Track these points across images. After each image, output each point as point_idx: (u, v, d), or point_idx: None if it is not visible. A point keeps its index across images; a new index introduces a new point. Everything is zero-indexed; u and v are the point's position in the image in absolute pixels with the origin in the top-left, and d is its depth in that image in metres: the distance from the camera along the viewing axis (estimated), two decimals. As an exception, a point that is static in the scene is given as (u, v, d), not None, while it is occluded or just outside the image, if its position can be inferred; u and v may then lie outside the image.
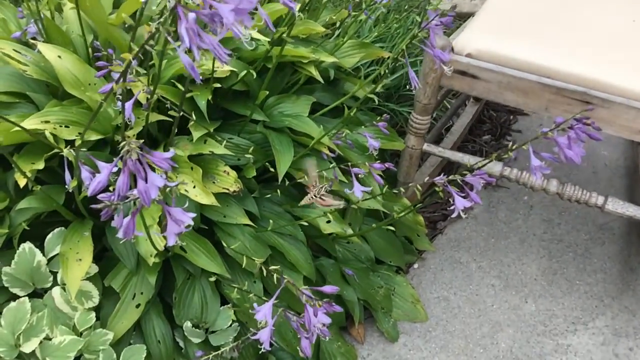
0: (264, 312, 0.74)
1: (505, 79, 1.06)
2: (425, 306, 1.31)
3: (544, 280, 1.35)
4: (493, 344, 1.25)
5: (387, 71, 1.00)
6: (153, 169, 0.59)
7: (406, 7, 1.70)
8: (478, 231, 1.45)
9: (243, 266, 0.96)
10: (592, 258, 1.38)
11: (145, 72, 0.97)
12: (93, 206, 0.57)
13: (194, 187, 0.96)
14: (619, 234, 1.42)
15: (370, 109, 1.47)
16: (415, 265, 1.39)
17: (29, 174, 0.88)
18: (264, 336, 0.77)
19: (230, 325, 1.03)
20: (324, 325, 0.74)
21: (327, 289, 0.73)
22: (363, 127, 1.10)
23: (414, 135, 1.20)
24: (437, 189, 0.91)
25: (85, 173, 0.80)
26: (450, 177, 0.86)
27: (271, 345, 1.13)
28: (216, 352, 0.98)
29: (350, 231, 1.12)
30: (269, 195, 1.11)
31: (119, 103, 0.87)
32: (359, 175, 0.96)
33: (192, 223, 0.63)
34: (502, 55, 1.06)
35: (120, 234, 0.61)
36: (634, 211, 1.09)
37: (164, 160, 0.59)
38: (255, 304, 0.77)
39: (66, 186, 0.83)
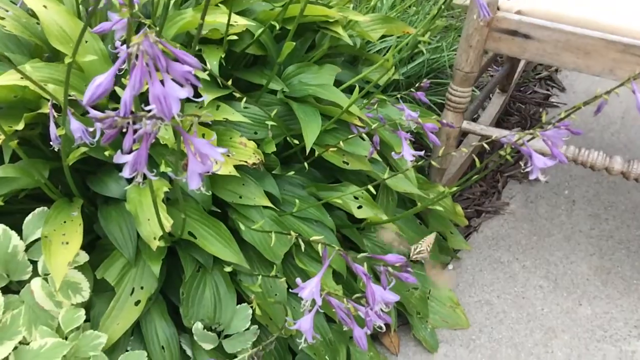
0: (311, 289, 0.57)
1: (564, 37, 0.92)
2: (465, 311, 1.13)
3: (597, 280, 1.19)
4: (548, 352, 1.07)
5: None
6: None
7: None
8: (517, 228, 1.29)
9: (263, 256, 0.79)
10: (647, 255, 1.23)
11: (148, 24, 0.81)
12: (92, 114, 0.41)
13: (207, 156, 0.79)
14: (675, 229, 1.27)
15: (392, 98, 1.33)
16: (450, 266, 1.22)
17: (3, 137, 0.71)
18: (305, 325, 0.60)
19: (249, 328, 0.85)
20: (387, 307, 0.57)
21: (392, 257, 0.56)
22: (397, 96, 0.94)
23: (452, 110, 1.05)
24: (502, 152, 0.76)
25: (75, 124, 0.64)
26: (525, 132, 0.70)
27: (297, 352, 0.95)
28: (232, 361, 0.80)
29: (384, 217, 0.96)
30: (291, 175, 0.95)
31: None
32: (407, 141, 0.80)
33: (222, 160, 0.47)
34: (558, 13, 0.92)
35: (126, 171, 0.45)
36: None
37: (185, 74, 0.43)
38: (298, 279, 0.60)
39: (51, 143, 0.66)
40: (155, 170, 0.49)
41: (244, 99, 0.78)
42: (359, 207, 0.97)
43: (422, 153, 0.80)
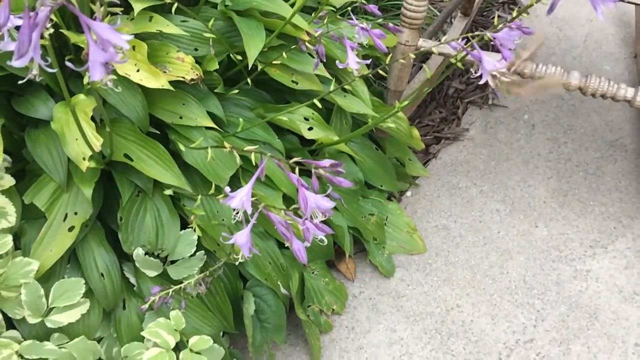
0: (241, 199, 0.53)
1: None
2: (422, 236, 1.12)
3: (554, 202, 1.18)
4: (503, 273, 1.08)
5: None
6: None
7: None
8: (476, 154, 1.27)
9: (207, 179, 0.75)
10: (604, 177, 1.23)
11: None
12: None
13: (138, 70, 0.73)
14: (632, 150, 1.27)
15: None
16: (409, 193, 1.20)
17: None
18: (241, 238, 0.56)
19: (194, 254, 0.82)
20: (325, 216, 0.54)
21: (326, 162, 0.53)
22: (348, 9, 0.88)
23: (407, 27, 1.00)
24: (453, 60, 0.72)
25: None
26: (474, 34, 0.66)
27: (248, 278, 0.93)
28: (177, 287, 0.77)
29: (336, 138, 0.92)
30: (237, 96, 0.89)
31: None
32: (353, 50, 0.75)
33: (126, 47, 0.41)
34: None
35: (14, 57, 0.39)
36: (670, 102, 0.92)
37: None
38: (227, 188, 0.56)
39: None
40: (49, 60, 0.43)
41: (175, 6, 0.71)
42: (310, 128, 0.93)
43: (368, 61, 0.76)
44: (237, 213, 0.55)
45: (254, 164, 0.72)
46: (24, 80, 0.42)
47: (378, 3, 1.40)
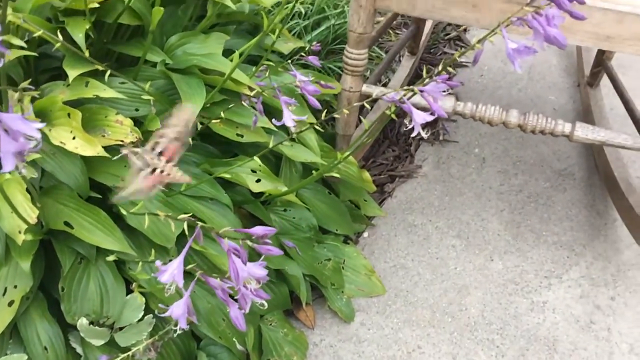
0: (172, 272, 0.52)
1: (451, -9, 0.90)
2: (381, 277, 1.12)
3: (507, 235, 1.20)
4: (462, 310, 1.08)
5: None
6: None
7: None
8: (430, 190, 1.28)
9: (150, 239, 0.74)
10: (555, 206, 1.25)
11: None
12: None
13: (74, 137, 0.72)
14: (580, 178, 1.31)
15: (301, 66, 1.29)
16: (365, 234, 1.21)
17: None
18: (177, 311, 0.55)
19: (142, 319, 0.80)
20: (259, 283, 0.53)
21: (258, 230, 0.52)
22: (288, 63, 0.90)
23: (350, 74, 1.02)
24: (387, 111, 0.73)
25: None
26: (405, 88, 0.68)
27: (202, 337, 0.91)
28: (126, 355, 0.75)
29: (284, 189, 0.92)
30: (186, 152, 0.89)
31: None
32: (290, 107, 0.76)
33: (37, 136, 0.41)
34: (444, -35, 0.90)
35: None
36: (606, 135, 0.95)
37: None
38: (158, 262, 0.55)
39: None
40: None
41: (108, 73, 0.71)
42: (258, 180, 0.93)
43: (304, 118, 0.77)
44: (170, 287, 0.54)
45: (203, 221, 0.72)
46: None
47: (327, 47, 1.43)
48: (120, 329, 0.80)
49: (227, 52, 0.96)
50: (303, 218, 1.06)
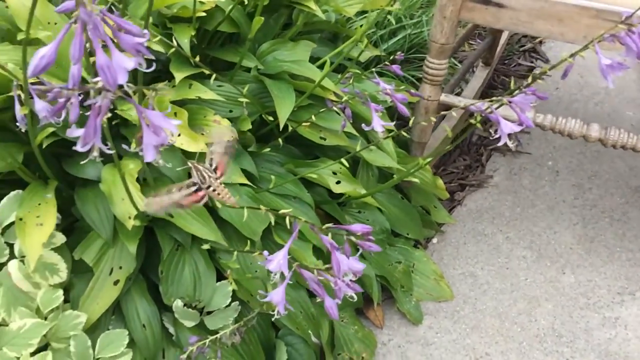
0: (278, 262, 0.57)
1: (537, 5, 0.91)
2: (449, 283, 1.14)
3: (580, 249, 1.20)
4: (531, 321, 1.09)
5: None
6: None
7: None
8: (501, 200, 1.29)
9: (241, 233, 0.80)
10: (630, 223, 1.23)
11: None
12: (34, 87, 0.41)
13: (179, 134, 0.79)
14: (658, 196, 1.28)
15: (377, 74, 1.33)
16: (435, 240, 1.23)
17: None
18: (276, 297, 0.60)
19: (230, 305, 0.86)
20: (355, 276, 0.58)
21: (357, 227, 0.57)
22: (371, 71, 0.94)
23: (429, 83, 1.05)
24: (473, 120, 0.76)
25: (39, 104, 0.63)
26: (492, 99, 0.70)
27: (280, 327, 0.96)
28: (213, 337, 0.81)
29: (363, 191, 0.96)
30: (269, 152, 0.95)
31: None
32: (377, 113, 0.80)
33: (175, 131, 0.47)
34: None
35: (79, 144, 0.45)
36: (691, 152, 0.94)
37: (136, 45, 0.43)
38: (266, 252, 0.60)
39: (17, 124, 0.66)
40: (109, 144, 0.49)
41: (214, 76, 0.78)
42: (338, 182, 0.98)
43: (392, 124, 0.80)
44: (275, 274, 0.59)
45: (286, 221, 0.77)
46: (86, 161, 0.48)
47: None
48: (209, 313, 0.86)
49: (311, 60, 1.02)
50: (376, 220, 1.09)
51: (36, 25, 0.83)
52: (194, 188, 0.57)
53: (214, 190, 0.58)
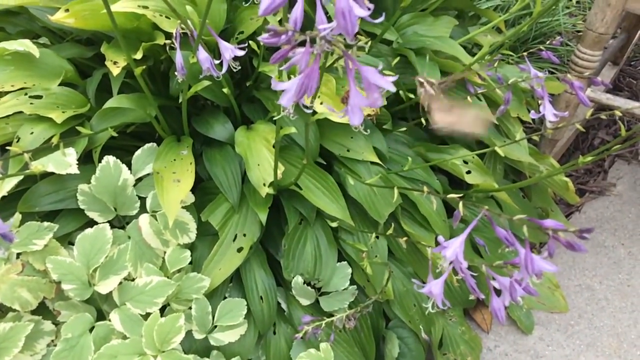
0: (455, 249, 0.52)
1: None
2: (564, 295, 1.06)
3: None
4: (654, 346, 0.99)
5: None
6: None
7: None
8: (624, 211, 1.19)
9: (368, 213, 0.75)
10: None
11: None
12: (264, 37, 0.36)
13: (321, 102, 0.74)
14: None
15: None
16: (548, 246, 1.14)
17: (122, 63, 0.68)
18: (436, 289, 0.55)
19: (347, 288, 0.81)
20: (539, 279, 0.51)
21: (550, 222, 0.50)
22: (522, 56, 0.86)
23: (577, 76, 0.96)
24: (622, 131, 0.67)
25: (203, 54, 0.60)
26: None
27: (391, 318, 0.91)
28: (330, 319, 0.76)
29: (495, 185, 0.89)
30: (397, 132, 0.89)
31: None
32: (541, 101, 0.72)
33: (393, 89, 0.41)
34: None
35: (286, 98, 0.40)
36: None
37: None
38: (440, 237, 0.55)
39: (176, 73, 0.63)
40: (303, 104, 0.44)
41: (369, 43, 0.72)
42: (468, 172, 0.91)
43: (566, 114, 0.73)
44: (450, 263, 0.53)
45: (413, 203, 0.71)
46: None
47: (525, 45, 1.37)
48: (324, 293, 0.82)
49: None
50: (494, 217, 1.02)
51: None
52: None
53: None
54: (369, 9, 0.40)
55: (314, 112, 0.72)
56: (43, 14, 0.81)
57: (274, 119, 0.75)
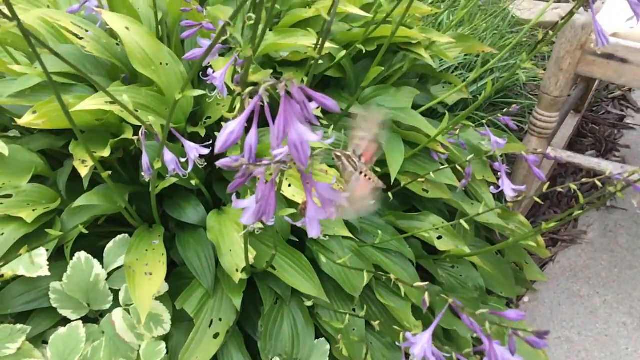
0: (423, 345, 0.52)
1: (667, 62, 0.85)
2: (544, 349, 1.07)
3: (687, 318, 1.10)
4: (636, 397, 1.00)
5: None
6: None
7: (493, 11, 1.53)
8: (597, 259, 1.21)
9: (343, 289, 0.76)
10: None
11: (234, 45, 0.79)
12: (222, 162, 0.38)
13: (289, 185, 0.76)
14: None
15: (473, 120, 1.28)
16: (526, 299, 1.16)
17: (90, 163, 0.70)
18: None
19: (327, 365, 0.81)
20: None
21: (512, 314, 0.52)
22: (483, 122, 0.89)
23: (537, 136, 1.00)
24: (612, 188, 0.70)
25: (169, 155, 0.61)
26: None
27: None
28: (310, 400, 0.76)
29: (467, 249, 0.91)
30: (369, 204, 0.90)
31: (209, 80, 0.69)
32: (498, 174, 0.75)
33: (345, 204, 0.43)
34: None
35: (247, 217, 0.41)
36: None
37: (309, 115, 0.40)
38: (408, 333, 0.55)
39: (142, 174, 0.64)
40: (274, 216, 0.46)
41: (332, 127, 0.74)
42: (439, 237, 0.92)
43: (523, 188, 0.75)
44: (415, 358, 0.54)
45: (384, 276, 0.72)
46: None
47: (489, 100, 1.42)
48: (304, 372, 0.81)
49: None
50: (470, 277, 1.03)
51: (148, 64, 0.82)
52: (355, 175, 0.52)
53: (365, 176, 0.53)
54: (318, 117, 0.42)
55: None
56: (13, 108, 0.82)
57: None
